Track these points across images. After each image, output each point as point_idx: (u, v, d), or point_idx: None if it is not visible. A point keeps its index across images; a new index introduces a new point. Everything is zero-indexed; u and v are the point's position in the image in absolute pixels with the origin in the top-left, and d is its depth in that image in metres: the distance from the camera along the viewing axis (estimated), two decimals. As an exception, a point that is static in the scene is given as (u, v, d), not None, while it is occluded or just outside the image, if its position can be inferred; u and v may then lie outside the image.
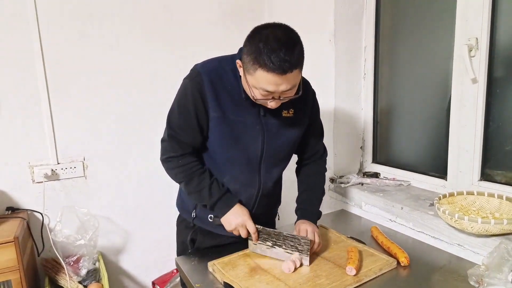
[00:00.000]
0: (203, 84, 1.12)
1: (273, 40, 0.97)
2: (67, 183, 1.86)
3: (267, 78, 1.00)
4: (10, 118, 1.71)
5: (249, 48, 1.01)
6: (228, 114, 1.14)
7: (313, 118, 1.32)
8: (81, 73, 1.82)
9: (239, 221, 1.19)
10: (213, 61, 1.19)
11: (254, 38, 1.01)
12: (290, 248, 1.18)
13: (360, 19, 1.81)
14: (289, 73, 0.99)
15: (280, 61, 0.96)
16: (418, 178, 1.67)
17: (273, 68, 0.97)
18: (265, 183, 1.27)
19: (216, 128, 1.16)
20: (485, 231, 1.16)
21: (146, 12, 1.92)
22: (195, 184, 1.20)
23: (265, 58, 0.97)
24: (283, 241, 1.18)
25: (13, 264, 1.46)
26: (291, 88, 1.04)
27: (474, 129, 1.39)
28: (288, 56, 0.97)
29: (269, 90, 1.02)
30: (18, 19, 1.67)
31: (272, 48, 0.96)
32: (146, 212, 2.06)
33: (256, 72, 1.00)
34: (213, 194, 1.19)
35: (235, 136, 1.17)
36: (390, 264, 1.17)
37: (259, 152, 1.21)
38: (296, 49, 1.00)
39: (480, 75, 1.35)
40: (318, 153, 1.40)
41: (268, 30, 1.01)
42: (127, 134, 1.96)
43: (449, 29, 1.45)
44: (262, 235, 1.21)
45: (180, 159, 1.19)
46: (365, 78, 1.86)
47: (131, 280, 2.08)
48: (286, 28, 1.03)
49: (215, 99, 1.13)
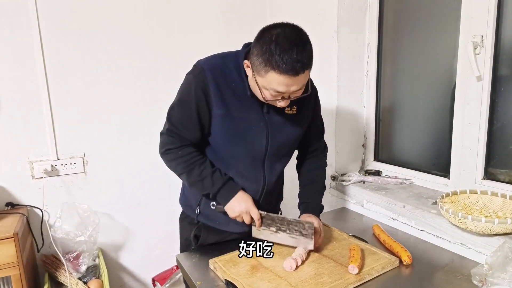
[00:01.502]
0: (207, 81, 1.11)
1: (284, 40, 0.96)
2: (67, 179, 1.85)
3: (279, 79, 0.99)
4: (10, 114, 1.70)
5: (259, 49, 0.99)
6: (232, 111, 1.14)
7: (315, 115, 1.32)
8: (81, 69, 1.81)
9: (243, 207, 1.18)
10: (216, 57, 1.17)
11: (264, 39, 0.98)
12: (294, 232, 1.19)
13: (363, 16, 1.79)
14: (301, 74, 0.99)
15: (293, 62, 0.95)
16: (421, 176, 1.66)
17: (286, 70, 0.96)
18: (269, 179, 1.27)
19: (220, 125, 1.16)
20: (488, 230, 1.15)
21: (147, 9, 1.91)
22: (197, 174, 1.19)
23: (278, 59, 0.95)
24: (287, 225, 1.19)
25: (12, 260, 1.45)
26: (301, 88, 1.05)
27: (478, 127, 1.38)
28: (300, 57, 0.96)
29: (280, 91, 1.02)
30: (19, 15, 1.65)
31: (284, 49, 0.95)
32: (147, 208, 2.05)
33: (267, 74, 0.99)
34: (216, 183, 1.19)
35: (239, 133, 1.17)
36: (392, 263, 1.16)
37: (264, 149, 1.21)
38: (307, 48, 0.99)
39: (485, 73, 1.33)
40: (319, 149, 1.41)
41: (277, 30, 0.99)
42: (127, 130, 1.95)
43: (453, 26, 1.44)
44: (266, 220, 1.21)
45: (180, 150, 1.19)
46: (367, 75, 1.85)
47: (131, 277, 2.08)
48: (295, 28, 1.02)
49: (219, 97, 1.12)
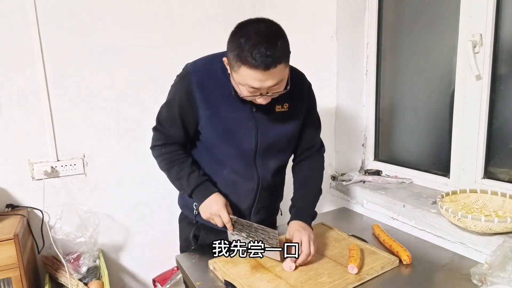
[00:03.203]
0: (191, 84, 1.13)
1: (255, 35, 0.95)
2: (67, 180, 1.85)
3: (251, 74, 0.98)
4: (9, 115, 1.70)
5: (232, 45, 0.99)
6: (220, 111, 1.14)
7: (308, 110, 1.28)
8: (81, 69, 1.81)
9: (214, 210, 1.16)
10: (204, 59, 1.18)
11: (236, 34, 0.99)
12: (261, 240, 1.14)
13: (363, 15, 1.79)
14: (272, 69, 0.96)
15: (262, 57, 0.94)
16: (421, 176, 1.66)
17: (255, 65, 0.95)
18: (263, 176, 1.25)
19: (208, 125, 1.17)
20: (488, 230, 1.15)
21: (147, 10, 1.91)
22: (176, 172, 1.21)
23: (247, 54, 0.95)
24: (255, 233, 1.16)
25: (13, 262, 1.45)
26: (278, 83, 1.02)
27: (477, 126, 1.38)
28: (270, 51, 0.94)
29: (255, 86, 1.01)
30: (18, 16, 1.65)
31: (253, 44, 0.94)
32: (147, 209, 2.05)
33: (240, 69, 0.99)
34: (191, 183, 1.19)
35: (228, 133, 1.17)
36: (392, 263, 1.16)
37: (253, 147, 1.20)
38: (279, 43, 0.96)
39: (484, 71, 1.33)
40: (315, 147, 1.35)
41: (250, 25, 0.99)
42: (127, 131, 1.95)
43: (452, 25, 1.43)
44: (237, 225, 1.18)
45: (163, 148, 1.23)
46: (367, 75, 1.85)
47: (131, 278, 2.08)
48: (268, 22, 1.01)
49: (205, 98, 1.13)
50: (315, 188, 1.32)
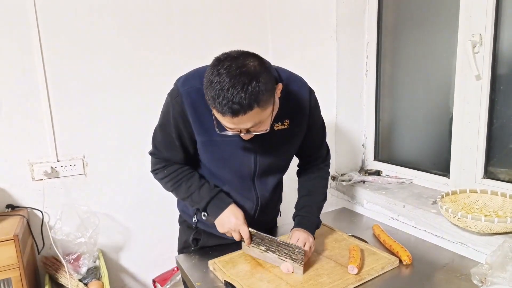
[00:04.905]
0: (185, 107, 1.06)
1: (226, 76, 0.86)
2: (67, 180, 1.85)
3: (223, 119, 0.92)
4: (9, 115, 1.70)
5: (205, 80, 0.92)
6: (214, 136, 1.06)
7: (311, 123, 1.19)
8: (81, 70, 1.81)
9: (232, 225, 1.13)
10: (194, 77, 1.07)
11: (211, 70, 0.90)
12: (284, 255, 1.12)
13: (363, 15, 1.79)
14: (241, 115, 0.88)
15: (228, 103, 0.86)
16: (421, 176, 1.66)
17: (223, 112, 0.88)
18: (262, 196, 1.23)
19: (203, 150, 1.13)
20: (488, 230, 1.15)
21: (147, 10, 1.91)
22: (184, 190, 1.17)
23: (215, 99, 0.88)
24: (277, 247, 1.13)
25: (13, 262, 1.45)
26: (255, 125, 0.94)
27: (477, 126, 1.37)
28: (237, 98, 0.85)
29: (231, 128, 0.95)
30: (18, 16, 1.65)
31: (221, 88, 0.86)
32: (147, 209, 2.05)
33: (213, 110, 0.93)
34: (204, 197, 1.15)
35: (225, 157, 1.13)
36: (392, 263, 1.16)
37: (251, 170, 1.16)
38: (250, 87, 0.86)
39: (484, 71, 1.33)
40: (321, 157, 1.32)
41: (225, 62, 0.89)
42: (127, 131, 1.95)
43: (452, 25, 1.43)
44: (256, 239, 1.16)
45: (165, 169, 1.18)
46: (367, 75, 1.85)
47: (131, 278, 2.08)
48: (246, 59, 0.90)
49: (199, 123, 1.07)
50: (319, 196, 1.29)
